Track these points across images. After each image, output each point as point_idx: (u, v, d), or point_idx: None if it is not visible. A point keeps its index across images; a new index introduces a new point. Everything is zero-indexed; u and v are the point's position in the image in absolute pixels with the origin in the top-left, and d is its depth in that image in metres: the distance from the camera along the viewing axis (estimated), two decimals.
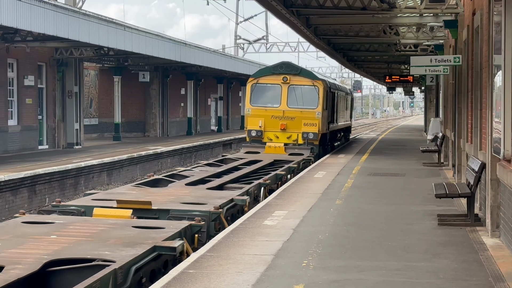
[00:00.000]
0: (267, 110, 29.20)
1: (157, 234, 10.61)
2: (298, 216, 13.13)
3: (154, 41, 35.22)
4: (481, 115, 13.87)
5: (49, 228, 11.26)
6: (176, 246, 9.92)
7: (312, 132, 29.01)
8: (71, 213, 13.33)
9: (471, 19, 16.07)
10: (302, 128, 29.04)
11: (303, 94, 29.46)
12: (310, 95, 29.38)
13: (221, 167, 22.55)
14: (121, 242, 10.06)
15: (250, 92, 29.69)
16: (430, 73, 24.22)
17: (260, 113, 29.19)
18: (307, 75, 30.01)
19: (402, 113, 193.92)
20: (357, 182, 18.89)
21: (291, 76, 29.43)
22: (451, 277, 8.61)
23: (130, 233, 10.83)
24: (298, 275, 8.66)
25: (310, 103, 29.30)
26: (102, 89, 45.66)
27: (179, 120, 49.87)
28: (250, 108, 29.46)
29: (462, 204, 14.30)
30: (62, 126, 33.87)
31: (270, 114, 29.17)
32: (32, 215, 14.35)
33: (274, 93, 29.48)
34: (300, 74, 29.76)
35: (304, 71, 30.57)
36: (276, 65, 30.34)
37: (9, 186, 20.74)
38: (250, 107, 29.47)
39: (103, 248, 9.65)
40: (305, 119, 29.12)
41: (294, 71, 29.73)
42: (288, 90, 29.31)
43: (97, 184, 26.11)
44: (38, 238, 10.39)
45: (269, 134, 29.15)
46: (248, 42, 74.00)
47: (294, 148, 28.57)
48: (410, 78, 53.84)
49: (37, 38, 28.63)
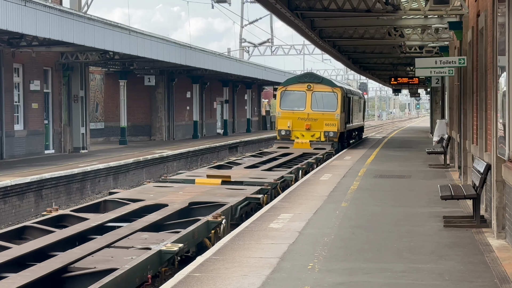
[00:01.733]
0: (294, 113, 34.59)
1: (244, 191, 16.59)
2: (303, 218, 13.13)
3: (159, 45, 35.27)
4: (486, 116, 13.86)
5: (175, 189, 17.40)
6: (260, 197, 16.14)
7: (332, 131, 34.48)
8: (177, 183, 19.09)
9: (476, 20, 16.06)
10: (323, 127, 34.49)
11: (324, 99, 34.84)
12: (330, 100, 34.74)
13: (262, 157, 28.50)
14: (225, 195, 16.04)
15: (280, 97, 35.16)
16: (435, 75, 24.23)
17: (288, 115, 34.67)
18: (327, 83, 35.52)
19: (408, 115, 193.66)
20: (363, 184, 18.88)
21: (314, 84, 34.83)
22: (456, 278, 8.60)
23: (227, 191, 16.83)
24: (304, 277, 8.67)
25: (330, 107, 34.70)
26: (107, 93, 45.74)
27: (185, 124, 49.92)
28: (280, 111, 35.02)
29: (468, 205, 14.28)
30: (68, 131, 33.94)
31: (297, 116, 34.58)
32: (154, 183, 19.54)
33: (300, 98, 34.83)
34: (322, 82, 35.30)
35: (325, 80, 36.26)
36: (301, 75, 37.33)
37: (16, 191, 20.78)
38: (280, 110, 34.99)
39: (216, 198, 15.62)
40: (326, 120, 34.52)
41: (316, 80, 35.29)
42: (311, 96, 34.72)
43: (103, 189, 26.15)
44: (173, 193, 16.57)
45: (296, 133, 34.62)
46: (253, 45, 74.10)
47: (317, 144, 34.07)
48: (416, 80, 53.89)
49: (42, 43, 28.70)
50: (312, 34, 27.40)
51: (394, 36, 30.01)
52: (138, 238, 11.28)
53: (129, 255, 10.06)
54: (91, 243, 11.00)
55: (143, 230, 12.03)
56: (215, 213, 12.89)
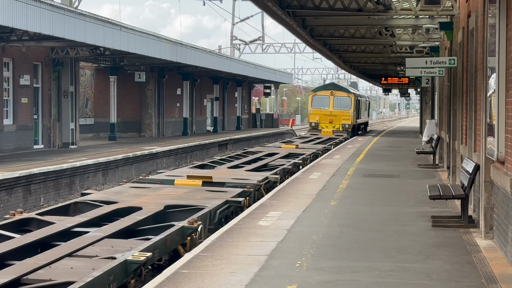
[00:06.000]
0: (321, 111, 50.18)
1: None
2: (292, 216, 13.15)
3: (150, 41, 35.22)
4: (475, 117, 13.90)
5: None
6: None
7: (347, 124, 50.05)
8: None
9: (466, 21, 16.10)
10: (341, 121, 49.98)
11: (342, 102, 50.28)
12: (346, 102, 50.36)
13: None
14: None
15: (311, 100, 51.38)
16: (425, 75, 24.22)
17: (317, 112, 50.38)
18: (344, 91, 51.31)
19: (398, 115, 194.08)
20: (352, 183, 18.91)
21: (335, 91, 50.68)
22: (444, 278, 8.63)
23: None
24: (292, 275, 8.68)
25: (346, 107, 50.30)
26: (98, 89, 45.64)
27: (175, 121, 49.86)
28: (311, 109, 50.88)
29: (456, 206, 14.33)
30: (58, 126, 33.85)
31: (323, 113, 50.10)
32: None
33: (325, 101, 50.39)
34: (341, 90, 51.32)
35: (343, 88, 52.58)
36: (326, 84, 56.90)
37: (4, 185, 20.72)
38: (311, 109, 50.84)
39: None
40: (343, 116, 50.06)
41: (337, 88, 51.70)
42: (333, 99, 50.20)
43: (92, 184, 26.10)
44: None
45: (322, 125, 50.03)
46: (244, 43, 74.03)
47: (337, 132, 49.19)
48: (406, 80, 53.97)
49: (33, 37, 28.62)
50: (303, 32, 27.41)
51: (385, 35, 30.07)
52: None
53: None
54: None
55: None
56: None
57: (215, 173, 20.83)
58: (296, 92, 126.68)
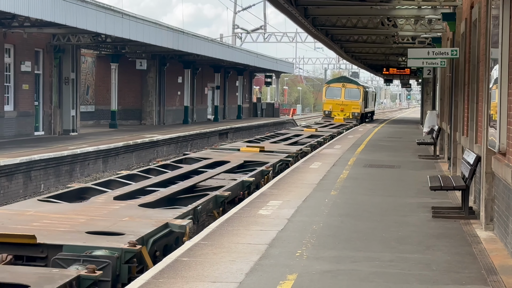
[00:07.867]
0: (334, 100, 56.88)
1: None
2: (293, 206, 13.15)
3: (152, 29, 35.14)
4: (477, 108, 13.88)
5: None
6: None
7: (357, 112, 56.83)
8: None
9: (469, 12, 16.06)
10: (351, 110, 56.65)
11: (352, 93, 56.92)
12: (356, 93, 56.99)
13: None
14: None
15: (325, 91, 58.29)
16: (427, 66, 24.21)
17: (330, 102, 57.15)
18: (354, 83, 58.23)
19: (399, 106, 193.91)
20: (353, 173, 18.91)
21: (346, 83, 57.62)
22: (443, 269, 8.64)
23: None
24: (292, 264, 8.69)
25: (356, 97, 56.93)
26: (99, 76, 45.58)
27: (176, 109, 49.83)
28: (325, 99, 57.81)
29: (457, 197, 14.33)
30: (59, 113, 33.83)
31: (335, 103, 56.81)
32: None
33: (338, 92, 57.01)
34: (351, 82, 58.38)
35: (353, 81, 59.70)
36: (339, 77, 65.87)
37: (4, 172, 20.71)
38: (325, 99, 57.75)
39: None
40: (353, 105, 56.71)
41: (348, 81, 58.83)
42: (344, 91, 56.83)
43: (92, 171, 26.10)
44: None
45: (334, 113, 56.68)
46: (246, 32, 73.95)
47: (348, 120, 55.70)
48: (408, 71, 53.84)
49: (34, 23, 28.56)
50: (305, 22, 27.32)
51: (387, 26, 29.97)
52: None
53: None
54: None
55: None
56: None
57: (264, 145, 27.54)
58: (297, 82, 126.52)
